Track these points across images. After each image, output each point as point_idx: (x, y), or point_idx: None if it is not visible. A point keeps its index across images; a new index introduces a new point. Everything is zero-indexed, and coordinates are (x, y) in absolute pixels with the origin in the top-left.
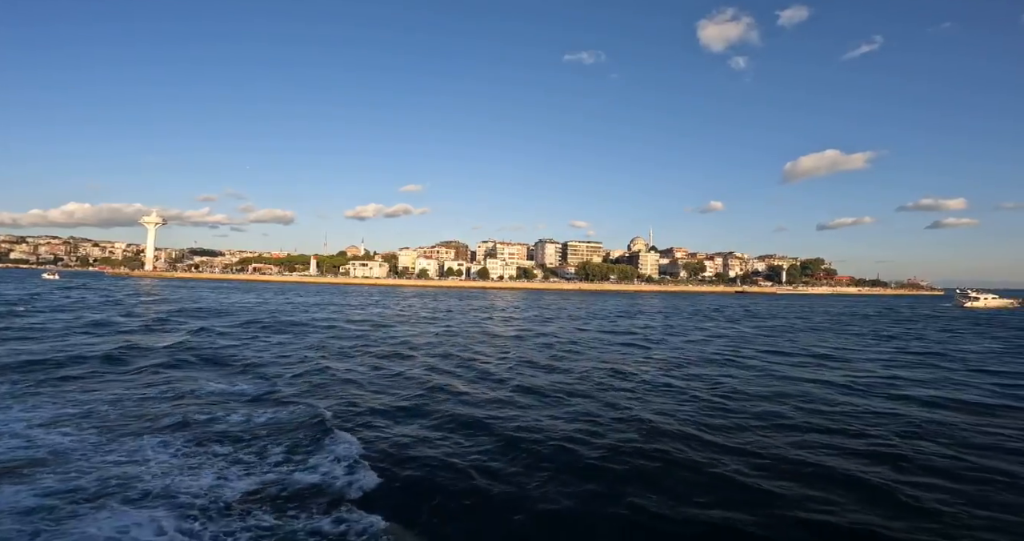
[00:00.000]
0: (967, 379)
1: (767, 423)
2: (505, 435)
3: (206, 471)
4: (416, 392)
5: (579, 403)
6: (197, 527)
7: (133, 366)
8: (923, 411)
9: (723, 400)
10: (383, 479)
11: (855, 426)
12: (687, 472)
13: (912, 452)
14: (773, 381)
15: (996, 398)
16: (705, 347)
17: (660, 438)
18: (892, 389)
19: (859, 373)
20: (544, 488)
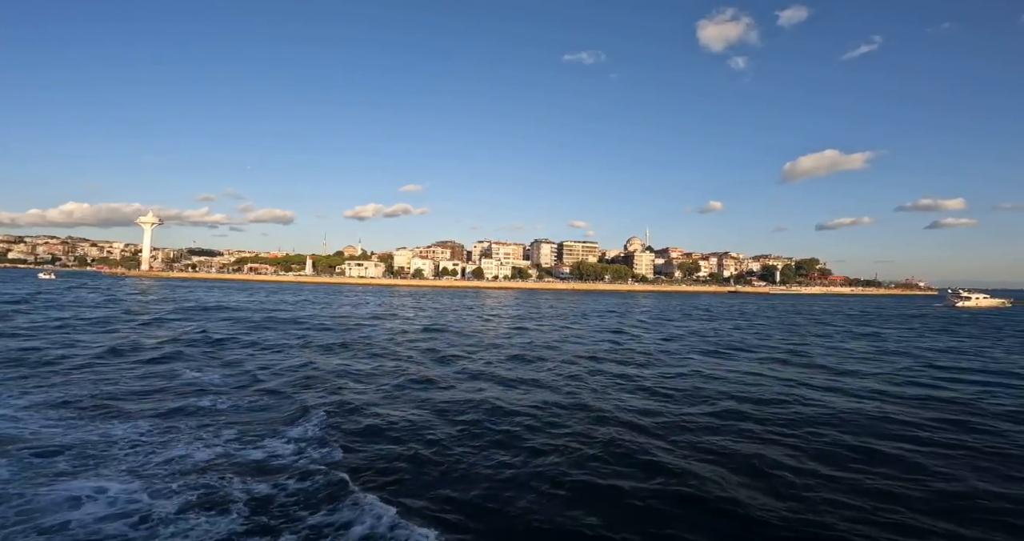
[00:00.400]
0: (902, 373)
1: (689, 409)
2: (445, 412)
3: (174, 446)
4: (387, 381)
5: (511, 389)
6: (158, 487)
7: (117, 359)
8: (847, 400)
9: (664, 389)
10: (345, 451)
11: (773, 414)
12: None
13: (810, 436)
14: (720, 374)
15: (922, 390)
16: (673, 343)
17: (581, 417)
18: (832, 382)
19: (807, 368)
20: (474, 455)
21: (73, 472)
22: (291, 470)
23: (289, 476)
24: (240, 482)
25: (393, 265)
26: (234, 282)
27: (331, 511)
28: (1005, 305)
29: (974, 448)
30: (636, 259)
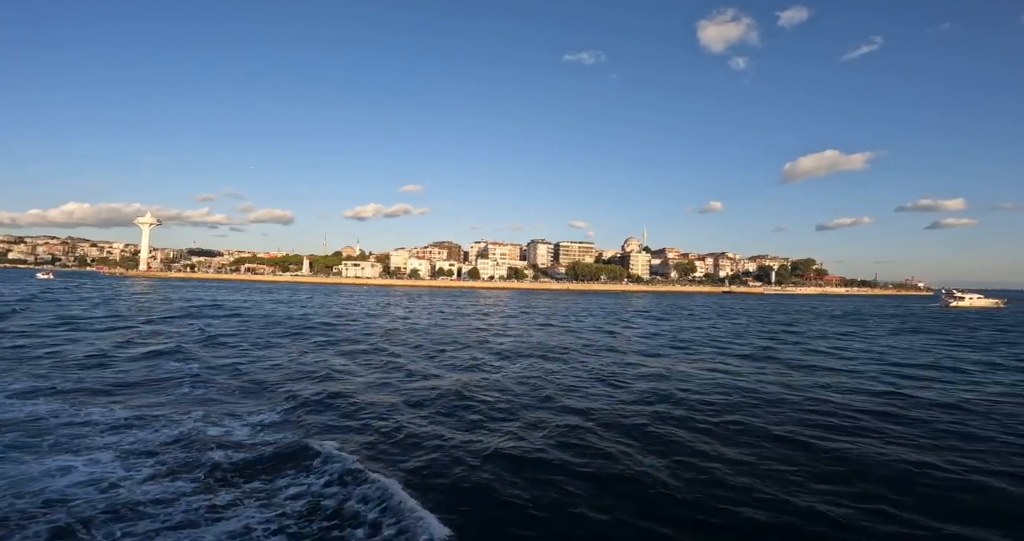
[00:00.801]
0: (854, 369)
1: (622, 396)
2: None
3: (148, 427)
4: (356, 373)
5: (458, 377)
6: (131, 461)
7: (100, 355)
8: (789, 393)
9: (610, 380)
10: (289, 424)
11: (700, 402)
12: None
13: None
14: (674, 370)
15: (867, 383)
16: (647, 341)
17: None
18: (785, 377)
19: (762, 365)
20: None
21: (53, 450)
22: (255, 444)
23: (255, 447)
24: (206, 453)
25: (390, 265)
26: (231, 282)
27: (287, 468)
28: (999, 305)
29: (880, 432)
30: (632, 260)
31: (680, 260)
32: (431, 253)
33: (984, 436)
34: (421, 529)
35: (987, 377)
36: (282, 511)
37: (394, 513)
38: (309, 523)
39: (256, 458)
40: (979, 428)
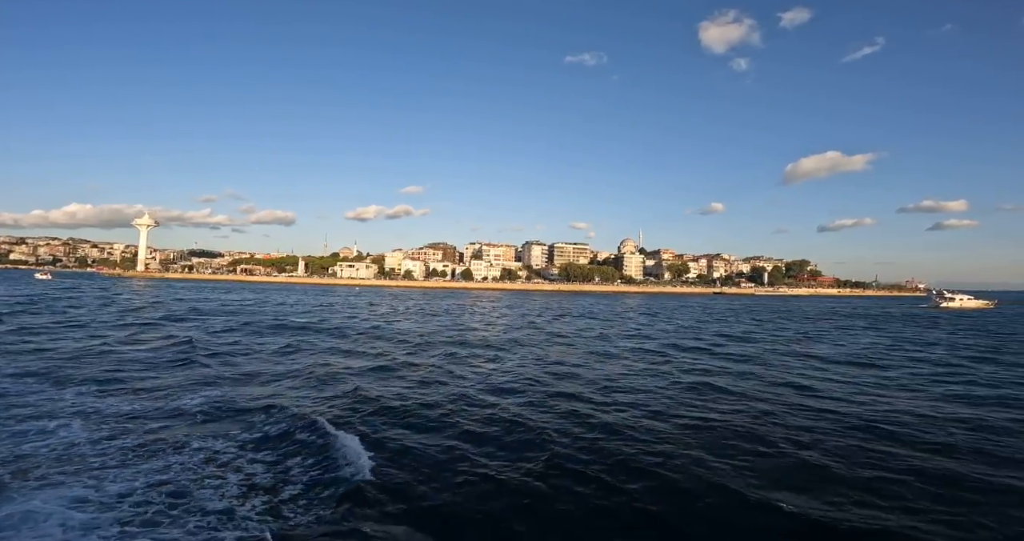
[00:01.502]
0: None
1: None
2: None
3: (110, 400)
4: (285, 361)
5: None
6: (92, 426)
7: (77, 343)
8: (715, 393)
9: (555, 371)
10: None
11: (620, 387)
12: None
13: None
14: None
15: (817, 381)
16: (619, 341)
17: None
18: (694, 365)
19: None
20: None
21: (28, 418)
22: (197, 412)
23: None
24: (157, 422)
25: (385, 267)
26: (226, 283)
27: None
28: (988, 306)
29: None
30: (626, 261)
31: (674, 261)
32: (425, 254)
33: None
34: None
35: (860, 372)
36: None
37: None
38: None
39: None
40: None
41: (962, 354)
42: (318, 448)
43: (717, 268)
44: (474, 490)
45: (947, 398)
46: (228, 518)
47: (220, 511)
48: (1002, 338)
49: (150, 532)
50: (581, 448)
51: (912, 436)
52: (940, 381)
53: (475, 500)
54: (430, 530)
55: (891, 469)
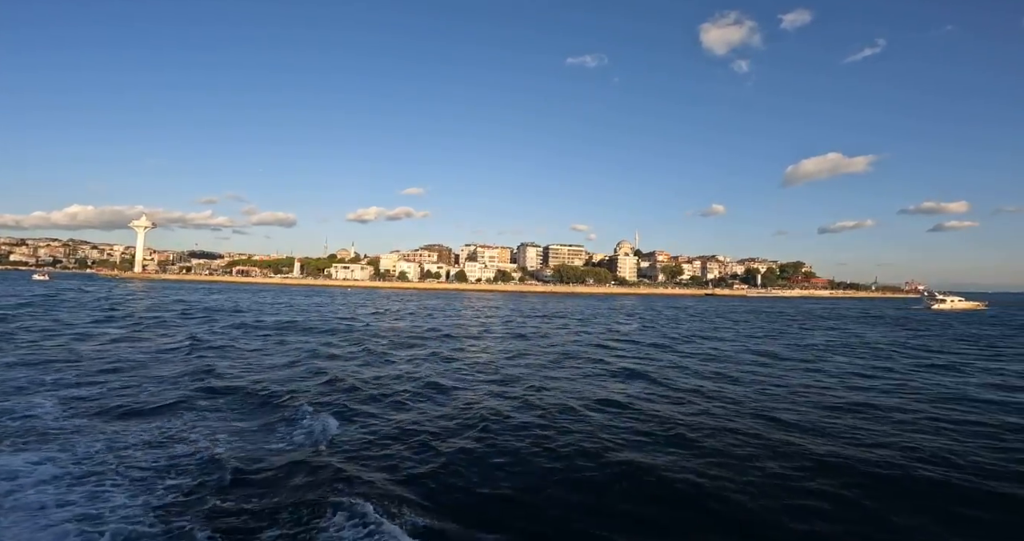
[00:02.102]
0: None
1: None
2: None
3: (84, 381)
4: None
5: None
6: (62, 404)
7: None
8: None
9: (509, 361)
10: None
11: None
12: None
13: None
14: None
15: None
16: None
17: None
18: (672, 369)
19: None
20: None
21: (8, 395)
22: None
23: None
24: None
25: (380, 268)
26: (220, 284)
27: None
28: (979, 307)
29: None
30: (620, 263)
31: (668, 263)
32: (421, 256)
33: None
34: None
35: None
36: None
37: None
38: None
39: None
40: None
41: (879, 352)
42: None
43: (711, 270)
44: (413, 447)
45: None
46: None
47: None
48: (944, 339)
49: (105, 482)
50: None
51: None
52: (811, 370)
53: (413, 455)
54: (375, 468)
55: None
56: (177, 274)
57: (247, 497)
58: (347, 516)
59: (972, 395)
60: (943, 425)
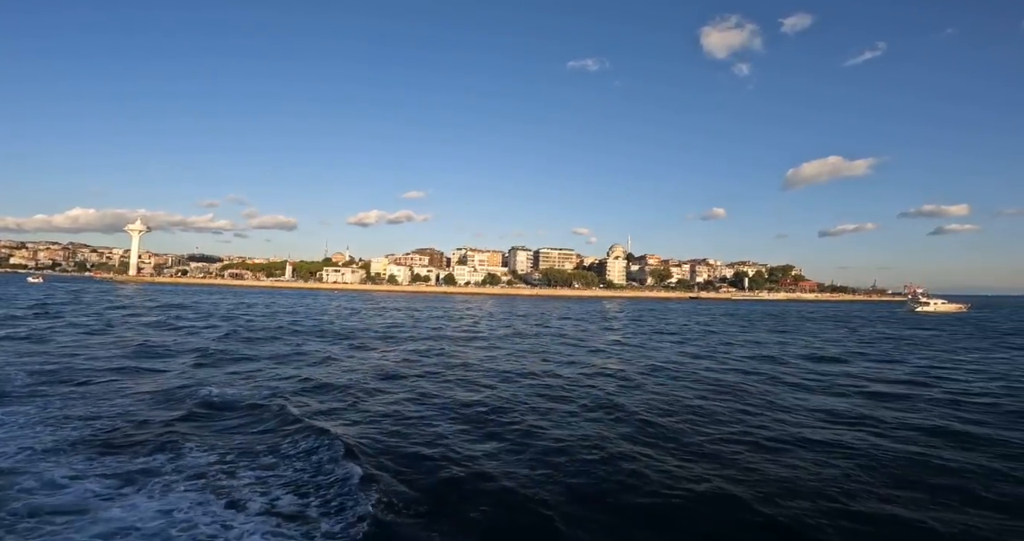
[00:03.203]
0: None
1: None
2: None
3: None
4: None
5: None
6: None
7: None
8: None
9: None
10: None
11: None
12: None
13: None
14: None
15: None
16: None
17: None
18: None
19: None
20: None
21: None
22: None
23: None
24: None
25: (371, 271)
26: (211, 287)
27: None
28: (962, 310)
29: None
30: (609, 266)
31: (657, 266)
32: (412, 259)
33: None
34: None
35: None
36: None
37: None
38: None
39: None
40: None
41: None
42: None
43: (700, 273)
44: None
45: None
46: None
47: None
48: (892, 338)
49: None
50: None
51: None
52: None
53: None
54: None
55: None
56: (170, 277)
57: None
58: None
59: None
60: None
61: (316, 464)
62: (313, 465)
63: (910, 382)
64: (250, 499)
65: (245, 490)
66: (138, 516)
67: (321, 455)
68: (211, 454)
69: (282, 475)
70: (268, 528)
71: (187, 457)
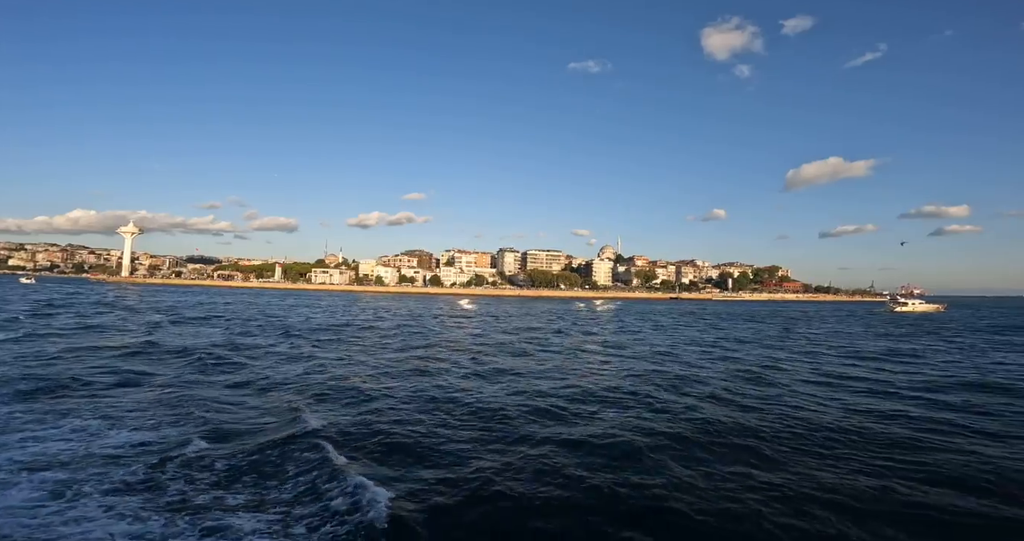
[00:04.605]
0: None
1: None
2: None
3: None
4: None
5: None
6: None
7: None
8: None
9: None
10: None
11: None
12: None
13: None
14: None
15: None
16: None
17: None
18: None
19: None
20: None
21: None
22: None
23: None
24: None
25: (359, 273)
26: (202, 288)
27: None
28: (939, 310)
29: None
30: (595, 267)
31: (643, 267)
32: (400, 261)
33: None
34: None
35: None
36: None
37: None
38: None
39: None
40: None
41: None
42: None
43: (686, 274)
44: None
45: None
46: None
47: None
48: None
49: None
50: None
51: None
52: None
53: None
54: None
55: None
56: (161, 279)
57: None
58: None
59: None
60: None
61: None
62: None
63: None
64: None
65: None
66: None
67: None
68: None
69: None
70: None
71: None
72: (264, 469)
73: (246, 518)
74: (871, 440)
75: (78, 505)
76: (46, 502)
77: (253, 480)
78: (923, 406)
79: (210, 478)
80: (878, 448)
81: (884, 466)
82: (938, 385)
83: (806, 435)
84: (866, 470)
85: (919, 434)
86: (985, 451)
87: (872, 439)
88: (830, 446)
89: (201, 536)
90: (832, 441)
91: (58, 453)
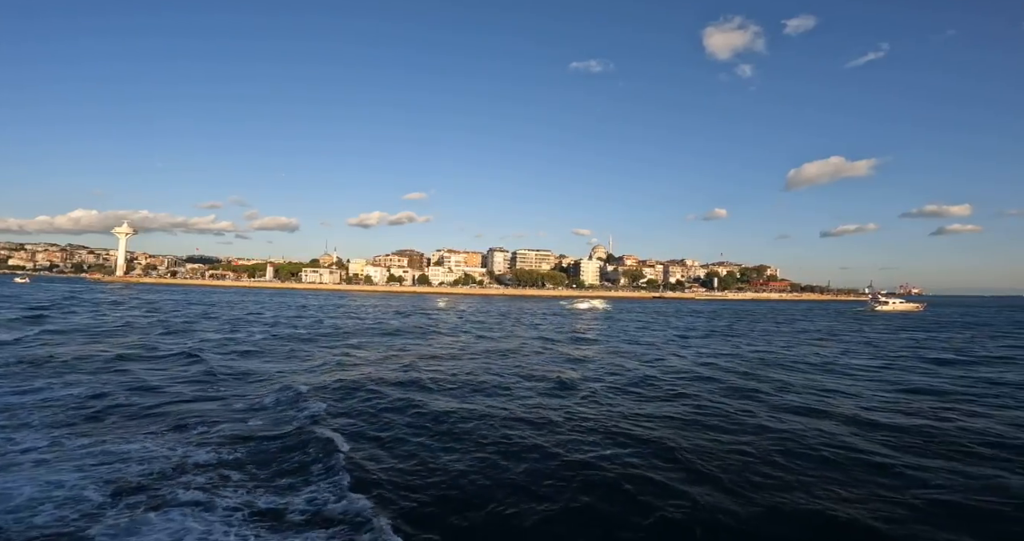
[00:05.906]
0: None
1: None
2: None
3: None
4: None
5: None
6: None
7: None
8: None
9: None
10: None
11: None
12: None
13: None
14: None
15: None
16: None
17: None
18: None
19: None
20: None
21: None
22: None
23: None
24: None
25: (349, 272)
26: (193, 287)
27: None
28: (917, 309)
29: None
30: (582, 267)
31: (631, 267)
32: (390, 260)
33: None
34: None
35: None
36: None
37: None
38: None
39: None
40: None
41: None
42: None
43: (674, 273)
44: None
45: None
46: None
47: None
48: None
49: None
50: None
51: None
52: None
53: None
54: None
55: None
56: (156, 278)
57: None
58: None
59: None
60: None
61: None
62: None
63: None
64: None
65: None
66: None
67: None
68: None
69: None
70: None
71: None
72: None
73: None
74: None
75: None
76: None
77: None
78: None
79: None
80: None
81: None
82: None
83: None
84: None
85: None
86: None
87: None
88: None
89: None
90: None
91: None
